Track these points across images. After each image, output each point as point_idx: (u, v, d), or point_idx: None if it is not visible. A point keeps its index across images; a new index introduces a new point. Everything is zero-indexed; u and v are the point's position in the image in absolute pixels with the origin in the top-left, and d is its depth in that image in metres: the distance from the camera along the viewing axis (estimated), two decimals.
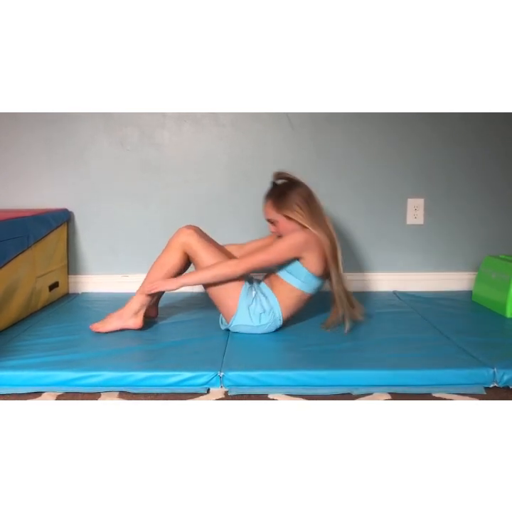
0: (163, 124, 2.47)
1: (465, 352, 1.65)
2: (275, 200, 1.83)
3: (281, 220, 1.82)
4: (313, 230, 1.78)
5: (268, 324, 1.82)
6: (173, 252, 1.81)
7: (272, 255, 1.76)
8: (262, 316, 1.80)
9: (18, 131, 2.46)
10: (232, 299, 1.79)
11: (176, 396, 1.46)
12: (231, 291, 1.78)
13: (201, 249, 1.78)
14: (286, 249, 1.76)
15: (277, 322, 1.83)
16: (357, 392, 1.47)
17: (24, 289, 2.06)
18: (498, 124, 2.48)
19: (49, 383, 1.50)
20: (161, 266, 1.83)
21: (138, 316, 1.86)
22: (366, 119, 2.47)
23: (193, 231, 1.81)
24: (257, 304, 1.80)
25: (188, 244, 1.79)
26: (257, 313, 1.80)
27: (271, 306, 1.81)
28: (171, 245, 1.82)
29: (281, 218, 1.82)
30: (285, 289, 1.82)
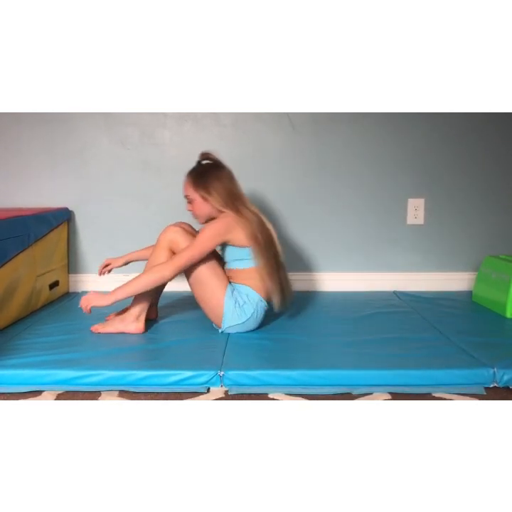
0: (164, 124, 2.47)
1: (465, 352, 1.65)
2: (194, 178, 1.84)
3: (197, 200, 1.83)
4: (230, 212, 1.78)
5: (255, 312, 1.81)
6: (160, 250, 1.80)
7: (197, 249, 1.74)
8: (245, 307, 1.80)
9: (18, 130, 2.46)
10: (217, 301, 1.79)
11: (176, 395, 1.46)
12: (216, 293, 1.79)
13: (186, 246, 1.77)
14: (208, 239, 1.75)
15: (260, 304, 1.83)
16: (357, 391, 1.47)
17: (24, 287, 2.06)
18: (499, 123, 2.48)
19: (49, 382, 1.50)
20: (150, 264, 1.81)
21: (139, 320, 1.85)
22: (367, 119, 2.47)
23: (179, 228, 1.81)
24: (238, 300, 1.80)
25: (175, 242, 1.78)
26: (241, 308, 1.80)
27: (246, 294, 1.81)
28: (158, 243, 1.82)
29: (198, 198, 1.83)
30: (243, 275, 1.82)
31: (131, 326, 1.84)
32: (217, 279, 1.80)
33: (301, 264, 2.53)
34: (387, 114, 2.45)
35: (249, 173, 2.50)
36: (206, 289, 1.80)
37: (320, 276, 2.56)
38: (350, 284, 2.55)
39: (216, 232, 1.76)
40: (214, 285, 1.79)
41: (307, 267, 2.54)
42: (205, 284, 1.79)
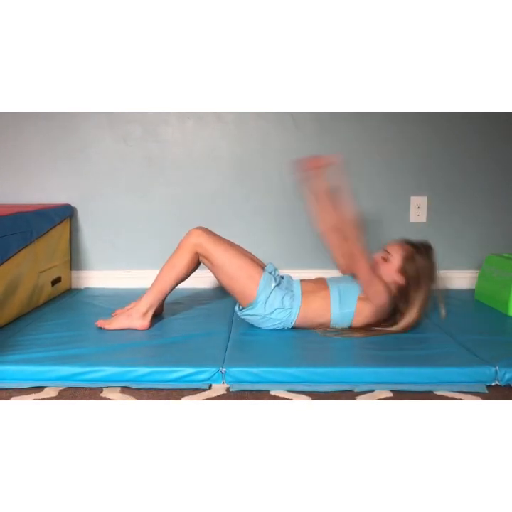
0: (167, 121, 2.47)
1: (467, 350, 1.65)
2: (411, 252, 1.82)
3: (394, 267, 1.81)
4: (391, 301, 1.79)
5: (278, 321, 1.81)
6: (184, 254, 1.82)
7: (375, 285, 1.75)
8: (278, 311, 1.80)
9: (21, 127, 2.46)
10: (250, 290, 1.79)
11: (178, 392, 1.46)
12: (248, 282, 1.78)
13: (213, 247, 1.79)
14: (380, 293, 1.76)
15: (287, 324, 1.82)
16: (358, 389, 1.47)
17: (27, 284, 2.07)
18: (501, 122, 2.48)
19: (51, 378, 1.50)
20: (172, 267, 1.83)
21: (146, 317, 1.86)
22: (369, 118, 2.46)
23: (202, 231, 1.82)
24: (277, 297, 1.79)
25: (200, 245, 1.80)
26: (273, 307, 1.79)
27: (291, 306, 1.80)
28: (182, 247, 1.83)
29: (395, 266, 1.81)
30: (318, 304, 1.81)
31: (136, 323, 1.85)
32: (249, 272, 1.79)
33: (302, 262, 2.53)
34: (390, 113, 2.45)
35: (251, 171, 2.50)
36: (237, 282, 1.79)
37: (321, 274, 2.55)
38: None
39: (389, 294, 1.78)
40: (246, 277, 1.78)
41: (309, 264, 2.54)
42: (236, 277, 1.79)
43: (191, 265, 1.84)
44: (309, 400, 1.41)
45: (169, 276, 1.84)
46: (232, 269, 1.79)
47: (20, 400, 1.40)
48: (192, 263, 1.83)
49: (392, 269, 1.81)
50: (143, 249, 2.51)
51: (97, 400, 1.40)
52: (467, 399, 1.41)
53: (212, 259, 1.80)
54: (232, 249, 1.82)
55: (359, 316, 1.80)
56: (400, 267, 1.81)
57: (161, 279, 1.85)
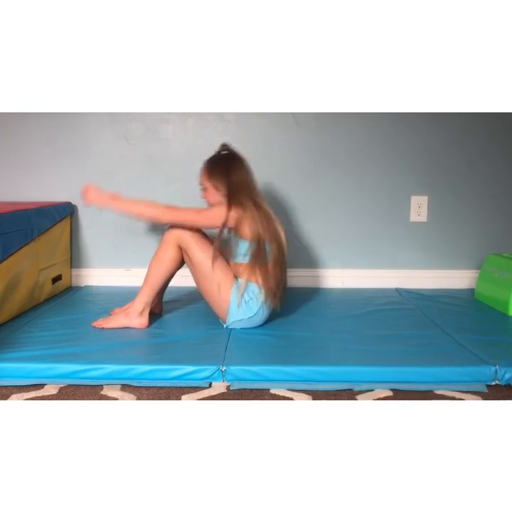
0: (168, 119, 2.47)
1: (467, 350, 1.65)
2: (210, 167, 1.86)
3: (210, 189, 1.85)
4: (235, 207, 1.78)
5: (261, 309, 1.82)
6: (168, 246, 1.82)
7: (203, 218, 1.80)
8: (250, 303, 1.81)
9: (22, 125, 2.46)
10: (223, 296, 1.80)
11: (178, 390, 1.46)
12: (222, 289, 1.79)
13: (193, 242, 1.79)
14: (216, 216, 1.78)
15: (261, 297, 1.81)
16: (358, 388, 1.47)
17: (27, 281, 2.07)
18: (502, 122, 2.48)
19: (51, 375, 1.50)
20: (158, 261, 1.84)
21: (143, 315, 1.86)
22: (370, 117, 2.46)
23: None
24: (243, 295, 1.80)
25: (181, 238, 1.80)
26: (245, 304, 1.80)
27: (252, 290, 1.81)
28: (165, 240, 1.83)
29: (210, 187, 1.84)
30: (244, 269, 1.82)
31: (135, 321, 1.85)
32: (223, 274, 1.80)
33: (303, 261, 2.53)
34: (391, 112, 2.44)
35: (253, 169, 2.50)
36: (212, 283, 1.80)
37: (322, 272, 2.56)
38: (353, 281, 2.55)
39: (224, 216, 1.77)
40: (220, 279, 1.79)
41: (309, 263, 2.54)
42: (210, 278, 1.79)
43: (177, 258, 1.83)
44: (309, 398, 1.42)
45: (157, 271, 1.84)
46: (207, 268, 1.79)
47: (21, 397, 1.40)
48: (178, 255, 1.83)
49: (212, 192, 1.84)
50: (143, 247, 2.51)
51: (97, 398, 1.41)
52: (467, 398, 1.42)
53: (191, 254, 1.80)
54: (210, 250, 1.80)
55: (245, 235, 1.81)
56: (213, 185, 1.83)
57: (150, 274, 1.86)
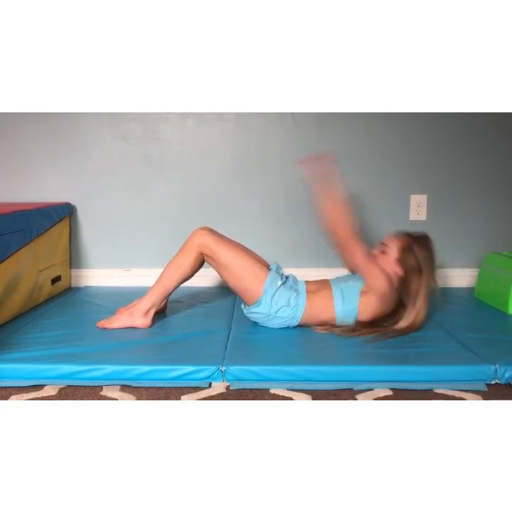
0: (167, 119, 2.47)
1: (467, 348, 1.65)
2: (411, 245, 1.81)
3: (392, 256, 1.82)
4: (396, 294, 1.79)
5: (285, 319, 1.81)
6: (189, 253, 1.82)
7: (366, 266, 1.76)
8: (283, 308, 1.80)
9: (21, 125, 2.46)
10: (256, 289, 1.79)
11: (178, 390, 1.46)
12: (254, 282, 1.79)
13: (218, 247, 1.79)
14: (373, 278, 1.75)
15: (293, 321, 1.82)
16: (358, 387, 1.47)
17: (26, 282, 2.06)
18: (501, 121, 2.48)
19: (51, 376, 1.50)
20: (177, 267, 1.84)
21: (147, 315, 1.85)
22: (369, 116, 2.46)
23: (207, 231, 1.83)
24: (283, 295, 1.79)
25: (204, 245, 1.80)
26: (279, 305, 1.80)
27: (296, 304, 1.80)
28: (187, 246, 1.83)
29: (394, 255, 1.81)
30: (322, 301, 1.81)
31: (138, 321, 1.84)
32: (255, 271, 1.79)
33: (301, 260, 2.53)
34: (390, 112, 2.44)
35: (251, 168, 2.50)
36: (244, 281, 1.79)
37: (321, 272, 2.55)
38: None
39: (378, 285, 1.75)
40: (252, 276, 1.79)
41: (307, 262, 2.54)
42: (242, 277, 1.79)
43: (196, 265, 1.84)
44: (309, 398, 1.41)
45: (174, 276, 1.84)
46: (237, 268, 1.79)
47: (20, 398, 1.40)
48: (197, 263, 1.84)
49: (390, 260, 1.82)
50: (143, 247, 2.51)
51: (97, 399, 1.41)
52: (467, 397, 1.42)
53: (218, 258, 1.80)
54: (237, 249, 1.82)
55: (364, 310, 1.79)
56: (397, 257, 1.81)
57: (165, 278, 1.85)
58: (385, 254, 1.84)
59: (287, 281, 1.86)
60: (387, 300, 1.78)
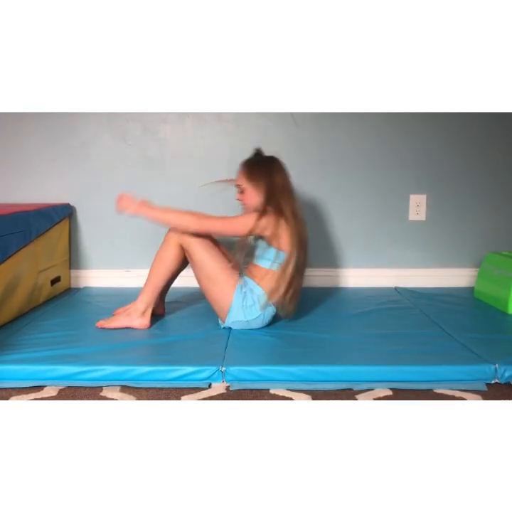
0: (166, 120, 2.47)
1: (466, 348, 1.65)
2: (250, 168, 1.84)
3: (249, 190, 1.83)
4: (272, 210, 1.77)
5: (261, 315, 1.81)
6: (169, 246, 1.82)
7: (230, 226, 1.79)
8: (253, 308, 1.80)
9: (20, 126, 2.45)
10: (225, 297, 1.79)
11: (178, 391, 1.46)
12: (225, 289, 1.79)
13: (195, 241, 1.78)
14: (245, 225, 1.76)
15: (269, 309, 1.82)
16: (358, 387, 1.47)
17: (26, 283, 2.06)
18: (500, 121, 2.48)
19: (51, 377, 1.50)
20: (160, 261, 1.84)
21: (145, 316, 1.85)
22: (369, 116, 2.46)
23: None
24: (248, 298, 1.80)
25: (183, 238, 1.79)
26: (248, 307, 1.80)
27: (257, 296, 1.80)
28: (166, 240, 1.83)
29: (249, 188, 1.83)
30: (261, 274, 1.81)
31: (136, 322, 1.84)
32: (227, 274, 1.79)
33: None
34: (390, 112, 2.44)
35: None
36: (214, 283, 1.79)
37: (321, 272, 2.55)
38: (352, 280, 2.55)
39: (256, 224, 1.75)
40: (223, 279, 1.79)
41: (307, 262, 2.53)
42: (213, 278, 1.79)
43: (179, 257, 1.83)
44: (309, 398, 1.41)
45: (160, 271, 1.84)
46: (210, 268, 1.79)
47: (20, 399, 1.40)
48: (180, 255, 1.82)
49: (251, 193, 1.82)
50: (142, 248, 2.50)
51: (97, 399, 1.41)
52: (467, 397, 1.42)
53: (192, 254, 1.79)
54: (212, 249, 1.80)
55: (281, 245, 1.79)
56: (253, 186, 1.82)
57: (152, 274, 1.85)
58: (243, 192, 1.85)
59: (245, 282, 1.83)
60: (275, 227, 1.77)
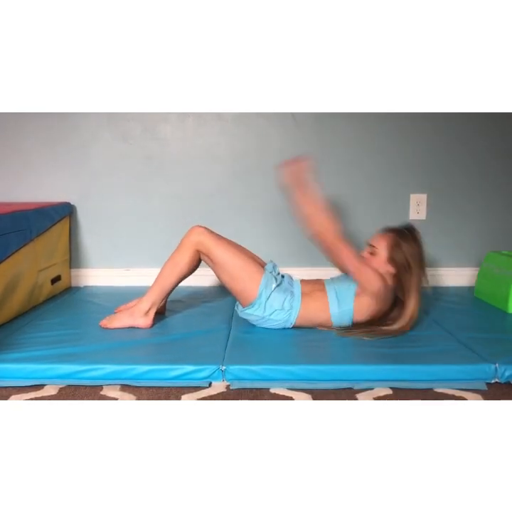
0: (166, 119, 2.47)
1: (467, 347, 1.65)
2: (398, 241, 1.78)
3: (382, 256, 1.79)
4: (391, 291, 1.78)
5: (278, 322, 1.81)
6: (185, 251, 1.82)
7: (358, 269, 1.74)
8: (277, 312, 1.79)
9: (20, 125, 2.45)
10: (250, 291, 1.78)
11: (178, 390, 1.46)
12: (248, 283, 1.78)
13: (215, 245, 1.79)
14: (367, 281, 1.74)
15: (287, 324, 1.82)
16: (358, 386, 1.47)
17: (26, 282, 2.06)
18: (500, 120, 2.48)
19: (51, 376, 1.50)
20: (174, 265, 1.83)
21: (148, 315, 1.85)
22: (369, 117, 2.46)
23: (204, 229, 1.82)
24: (278, 298, 1.79)
25: (201, 243, 1.79)
26: (273, 308, 1.79)
27: (291, 307, 1.79)
28: (183, 244, 1.83)
29: (384, 255, 1.79)
30: (317, 304, 1.80)
31: (139, 320, 1.84)
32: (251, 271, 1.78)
33: (301, 260, 2.53)
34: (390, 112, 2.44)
35: (251, 168, 2.50)
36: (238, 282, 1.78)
37: (320, 271, 2.55)
38: None
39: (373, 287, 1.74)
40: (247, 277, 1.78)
41: (307, 262, 2.54)
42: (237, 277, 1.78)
43: (193, 263, 1.84)
44: (309, 397, 1.41)
45: (171, 274, 1.84)
46: (233, 268, 1.79)
47: (20, 398, 1.40)
48: (194, 261, 1.83)
49: (380, 261, 1.80)
50: (142, 247, 2.51)
51: (97, 398, 1.41)
52: (467, 396, 1.42)
53: (214, 257, 1.79)
54: (233, 248, 1.81)
55: (359, 311, 1.78)
56: (387, 257, 1.79)
57: (163, 276, 1.85)
58: (374, 255, 1.82)
59: (282, 281, 1.84)
60: (382, 300, 1.78)
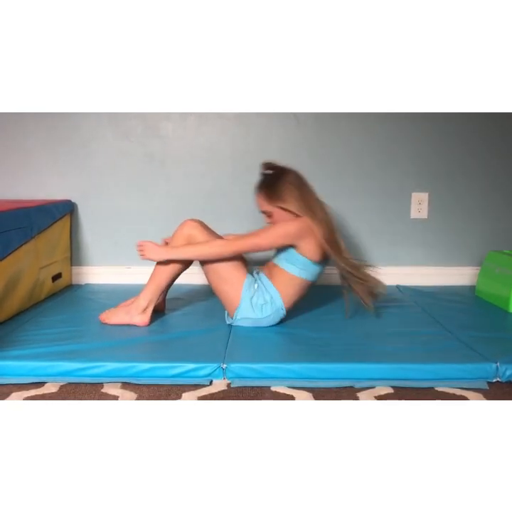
0: (168, 117, 2.47)
1: (468, 347, 1.65)
2: (266, 192, 1.82)
3: (276, 212, 1.81)
4: (308, 217, 1.76)
5: (271, 315, 1.81)
6: (178, 244, 1.81)
7: (263, 240, 1.76)
8: (264, 307, 1.80)
9: (22, 123, 2.45)
10: (235, 292, 1.79)
11: (179, 388, 1.46)
12: (234, 284, 1.78)
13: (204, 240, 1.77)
14: (277, 237, 1.77)
15: (280, 312, 1.82)
16: (359, 385, 1.47)
17: (27, 279, 2.06)
18: (501, 120, 2.47)
19: (52, 373, 1.50)
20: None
21: (145, 313, 1.85)
22: (370, 116, 2.46)
23: (197, 224, 1.81)
24: (259, 296, 1.80)
25: (193, 236, 1.79)
26: (259, 305, 1.80)
27: (271, 296, 1.80)
28: (175, 237, 1.82)
29: (275, 210, 1.81)
30: (284, 278, 1.81)
31: (136, 319, 1.84)
32: (238, 271, 1.79)
33: None
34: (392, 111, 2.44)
35: (252, 167, 2.49)
36: (226, 282, 1.79)
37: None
38: None
39: (289, 234, 1.75)
40: (234, 277, 1.78)
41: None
42: (224, 276, 1.78)
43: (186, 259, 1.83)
44: (310, 395, 1.41)
45: (165, 270, 1.83)
46: (220, 267, 1.78)
47: (21, 395, 1.40)
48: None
49: (278, 214, 1.81)
50: None
51: (98, 396, 1.41)
52: (468, 395, 1.42)
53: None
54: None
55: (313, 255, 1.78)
56: (275, 206, 1.80)
57: (157, 273, 1.84)
58: (271, 216, 1.83)
59: (257, 279, 1.84)
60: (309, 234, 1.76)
